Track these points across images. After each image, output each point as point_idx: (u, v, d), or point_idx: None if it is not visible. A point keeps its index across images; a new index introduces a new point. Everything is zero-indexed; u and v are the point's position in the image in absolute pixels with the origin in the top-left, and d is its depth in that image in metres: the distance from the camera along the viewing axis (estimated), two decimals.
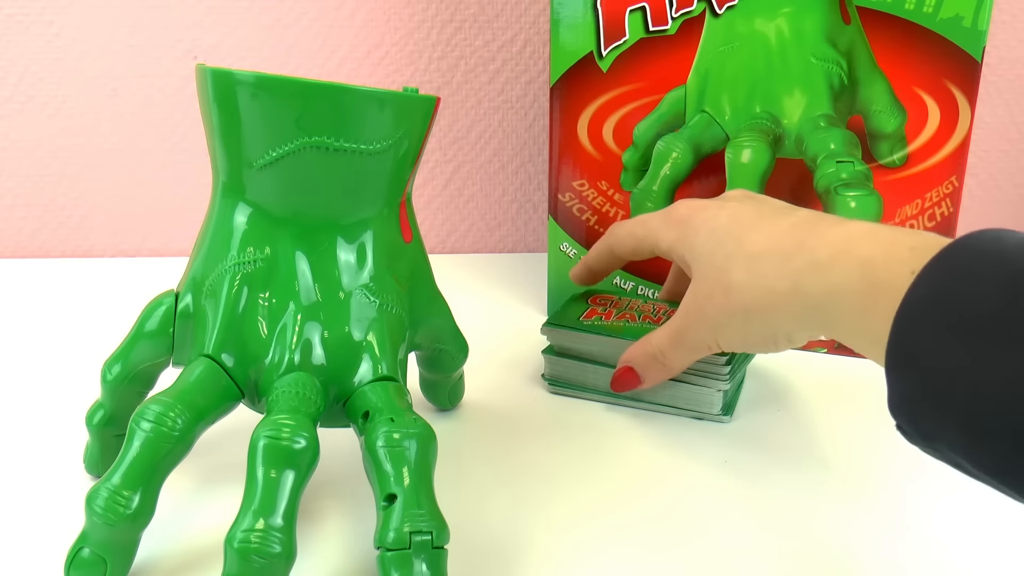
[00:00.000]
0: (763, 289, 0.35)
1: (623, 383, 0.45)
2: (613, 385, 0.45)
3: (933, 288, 0.27)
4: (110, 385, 0.37)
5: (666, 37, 0.52)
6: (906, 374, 0.27)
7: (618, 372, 0.45)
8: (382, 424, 0.32)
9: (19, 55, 0.69)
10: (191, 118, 0.72)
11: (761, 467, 0.41)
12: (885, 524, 0.37)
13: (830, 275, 0.32)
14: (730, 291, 0.37)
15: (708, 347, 0.40)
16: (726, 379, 0.44)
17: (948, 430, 0.26)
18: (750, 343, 0.38)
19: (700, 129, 0.53)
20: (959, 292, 0.26)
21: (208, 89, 0.34)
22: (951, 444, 0.26)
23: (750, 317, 0.36)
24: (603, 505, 0.38)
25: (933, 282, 0.27)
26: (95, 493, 0.30)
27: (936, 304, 0.26)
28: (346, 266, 0.36)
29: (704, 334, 0.39)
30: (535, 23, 0.72)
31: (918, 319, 0.27)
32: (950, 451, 0.26)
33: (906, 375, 0.27)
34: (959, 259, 0.27)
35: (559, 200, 0.57)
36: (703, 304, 0.38)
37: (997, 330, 0.25)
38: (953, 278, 0.26)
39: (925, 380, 0.26)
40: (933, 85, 0.49)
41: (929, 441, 0.27)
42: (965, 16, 0.48)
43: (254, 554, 0.28)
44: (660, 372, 0.44)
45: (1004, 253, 0.26)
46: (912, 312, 0.27)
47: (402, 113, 0.35)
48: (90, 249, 0.75)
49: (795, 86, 0.51)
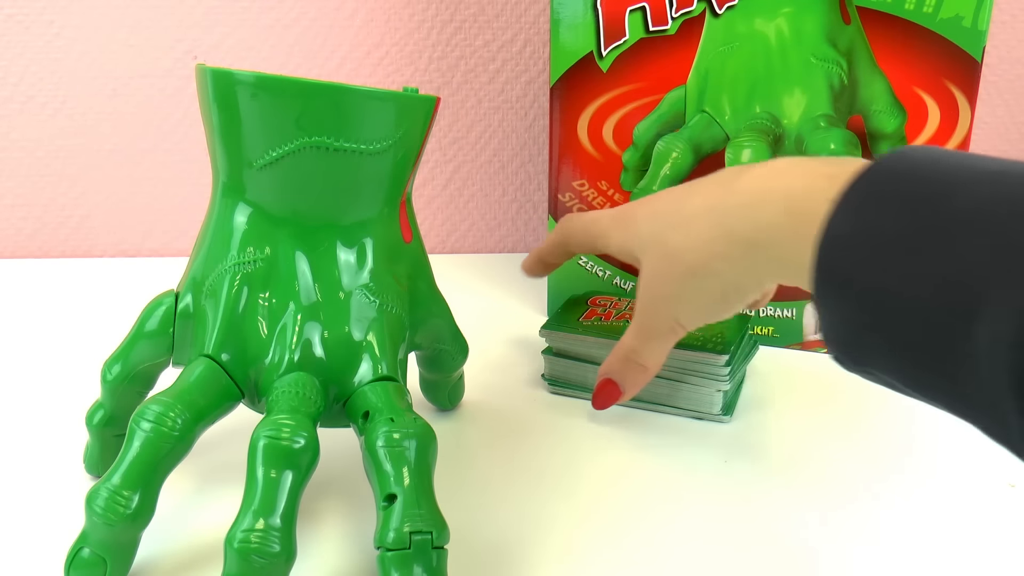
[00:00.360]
0: (701, 242, 0.35)
1: (603, 398, 0.43)
2: (594, 402, 0.43)
3: (849, 213, 0.27)
4: (110, 385, 0.37)
5: (666, 37, 0.52)
6: (831, 300, 0.28)
7: (597, 386, 0.43)
8: (382, 424, 0.32)
9: (19, 55, 0.69)
10: (191, 118, 0.72)
11: (761, 467, 0.41)
12: (884, 524, 0.37)
13: (756, 212, 0.32)
14: (673, 257, 0.37)
15: (672, 330, 0.39)
16: (726, 379, 0.44)
17: (876, 352, 0.27)
18: (707, 309, 0.37)
19: (700, 129, 0.53)
20: (874, 214, 0.26)
21: (208, 89, 0.34)
22: (882, 366, 0.27)
23: (697, 277, 0.36)
24: (603, 505, 0.38)
25: (849, 207, 0.27)
26: (95, 493, 0.30)
27: (854, 229, 0.27)
28: (346, 266, 0.36)
29: (664, 315, 0.39)
30: (535, 23, 0.72)
31: (838, 245, 0.27)
32: (882, 373, 0.27)
33: (832, 301, 0.28)
34: (872, 182, 0.27)
35: (559, 200, 0.57)
36: (653, 284, 0.38)
37: (912, 246, 0.25)
38: (867, 201, 0.27)
39: (851, 305, 0.27)
40: (933, 85, 0.49)
41: (862, 366, 0.28)
42: (965, 16, 0.48)
43: (254, 554, 0.28)
44: (638, 374, 0.42)
45: (914, 171, 0.26)
46: (832, 239, 0.27)
47: (402, 113, 0.35)
48: (90, 249, 0.75)
49: (795, 86, 0.51)
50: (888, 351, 0.26)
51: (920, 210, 0.25)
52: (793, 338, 0.55)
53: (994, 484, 0.40)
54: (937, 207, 0.25)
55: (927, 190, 0.26)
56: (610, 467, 0.41)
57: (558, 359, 0.48)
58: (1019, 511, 0.38)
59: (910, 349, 0.25)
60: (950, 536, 0.36)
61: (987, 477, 0.41)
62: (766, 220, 0.32)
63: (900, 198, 0.26)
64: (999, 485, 0.40)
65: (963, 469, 0.41)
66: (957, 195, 0.25)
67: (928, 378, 0.25)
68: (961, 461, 0.42)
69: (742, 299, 0.36)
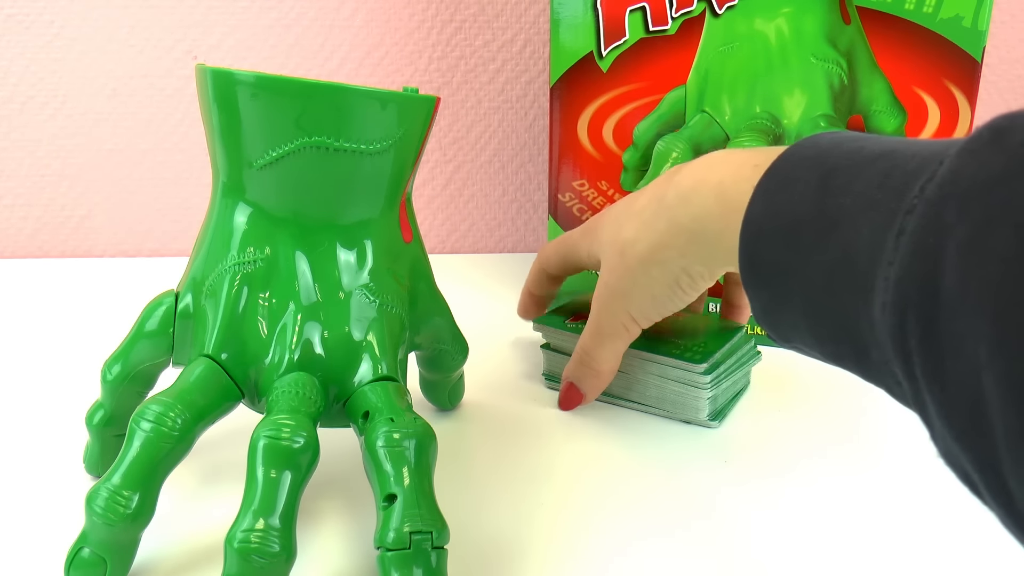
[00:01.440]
0: (649, 233, 0.37)
1: (567, 401, 0.46)
2: (560, 404, 0.46)
3: (765, 200, 0.29)
4: (110, 385, 0.37)
5: (666, 37, 0.52)
6: (756, 284, 0.29)
7: (562, 389, 0.46)
8: (382, 424, 0.32)
9: (19, 55, 0.69)
10: (191, 118, 0.72)
11: (751, 473, 0.41)
12: (883, 524, 0.37)
13: (694, 203, 0.34)
14: (625, 249, 0.38)
15: (625, 327, 0.41)
16: (708, 387, 0.44)
17: (796, 330, 0.28)
18: (659, 299, 0.39)
19: (700, 129, 0.53)
20: (784, 200, 0.28)
21: (208, 89, 0.34)
22: (803, 340, 0.29)
23: (647, 266, 0.37)
24: (602, 505, 0.38)
25: (764, 195, 0.29)
26: (95, 493, 0.30)
27: (768, 215, 0.29)
28: (346, 266, 0.36)
29: (616, 311, 0.40)
30: (535, 23, 0.72)
31: (756, 232, 0.29)
32: (804, 347, 0.29)
33: (758, 286, 0.29)
34: (784, 169, 0.29)
35: (559, 200, 0.57)
36: (609, 279, 0.40)
37: (812, 226, 0.27)
38: (779, 188, 0.29)
39: (769, 288, 0.29)
40: (933, 85, 0.49)
41: (788, 342, 0.30)
42: (965, 16, 0.48)
43: (254, 554, 0.28)
44: (592, 378, 0.44)
45: (819, 156, 0.28)
46: (752, 226, 0.29)
47: (402, 113, 0.35)
48: (90, 249, 0.75)
49: (795, 86, 0.51)
50: (804, 327, 0.28)
51: (817, 194, 0.27)
52: None
53: None
54: (829, 190, 0.27)
55: (823, 174, 0.27)
56: (609, 468, 0.41)
57: (554, 354, 0.48)
58: None
59: (821, 324, 0.27)
60: (949, 536, 0.36)
61: None
62: (702, 209, 0.33)
63: (802, 182, 0.28)
64: None
65: None
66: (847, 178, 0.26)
67: (841, 350, 0.27)
68: None
69: (694, 286, 0.37)
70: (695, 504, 0.38)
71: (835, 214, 0.26)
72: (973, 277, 0.20)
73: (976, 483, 0.22)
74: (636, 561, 0.34)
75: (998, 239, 0.20)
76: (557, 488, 0.39)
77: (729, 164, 0.33)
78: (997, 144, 0.21)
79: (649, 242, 0.37)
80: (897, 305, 0.23)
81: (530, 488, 0.39)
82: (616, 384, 0.47)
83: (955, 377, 0.21)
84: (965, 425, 0.21)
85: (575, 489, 0.39)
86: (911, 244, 0.22)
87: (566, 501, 0.38)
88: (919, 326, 0.22)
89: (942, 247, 0.21)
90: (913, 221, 0.23)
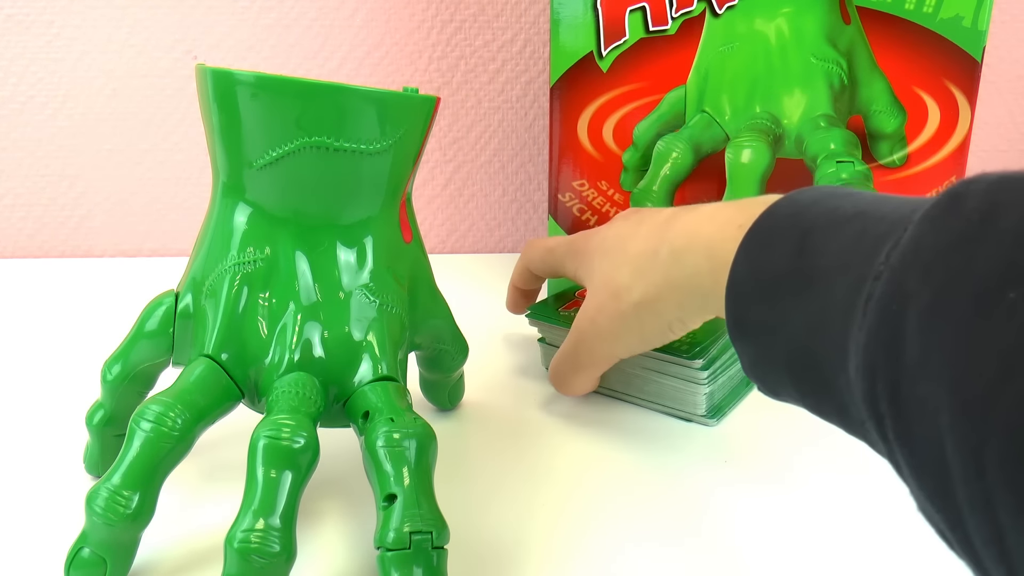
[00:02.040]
0: (646, 284, 0.38)
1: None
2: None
3: (748, 259, 0.30)
4: (110, 385, 0.37)
5: (666, 37, 0.52)
6: (743, 341, 0.30)
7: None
8: (382, 424, 0.32)
9: (19, 55, 0.69)
10: (191, 118, 0.72)
11: (751, 473, 0.41)
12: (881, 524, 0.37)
13: (686, 261, 0.35)
14: (619, 294, 0.39)
15: (606, 359, 0.42)
16: (704, 382, 0.44)
17: (782, 383, 0.29)
18: (648, 338, 0.40)
19: (700, 129, 0.53)
20: (763, 259, 0.29)
21: (208, 89, 0.34)
22: (788, 394, 0.29)
23: (641, 313, 0.38)
24: (603, 505, 0.38)
25: (747, 255, 0.30)
26: (95, 493, 0.30)
27: (750, 274, 0.30)
28: (346, 266, 0.36)
29: (600, 348, 0.42)
30: (535, 23, 0.72)
31: (740, 291, 0.30)
32: (791, 400, 0.29)
33: (743, 342, 0.30)
34: (765, 228, 0.30)
35: (559, 200, 0.58)
36: (595, 316, 0.41)
37: (790, 286, 0.28)
38: (760, 246, 0.29)
39: (755, 344, 0.30)
40: (933, 85, 0.49)
41: (775, 395, 0.31)
42: (965, 16, 0.48)
43: (254, 554, 0.28)
44: (569, 391, 0.46)
45: (798, 215, 0.29)
46: (735, 285, 0.30)
47: (402, 113, 0.35)
48: (90, 249, 0.75)
49: (795, 86, 0.51)
50: (788, 382, 0.29)
51: (795, 253, 0.28)
52: None
53: None
54: (806, 251, 0.27)
55: (800, 233, 0.28)
56: (610, 467, 0.41)
57: (551, 348, 0.49)
58: None
59: (803, 380, 0.28)
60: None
61: None
62: (694, 268, 0.34)
63: (780, 241, 0.29)
64: None
65: None
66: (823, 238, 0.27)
67: (822, 405, 0.28)
68: None
69: (684, 329, 0.39)
70: (695, 504, 0.38)
71: (812, 273, 0.27)
72: (932, 345, 0.21)
73: (949, 539, 0.22)
74: (636, 561, 0.34)
75: (954, 305, 0.20)
76: (557, 488, 0.39)
77: (716, 223, 0.34)
78: (954, 210, 0.22)
79: (644, 292, 0.38)
80: (868, 369, 0.23)
81: (530, 488, 0.39)
82: (614, 380, 0.47)
83: (922, 442, 0.21)
84: (934, 487, 0.21)
85: (574, 489, 0.39)
86: (877, 311, 0.23)
87: (566, 501, 0.38)
88: (887, 390, 0.22)
89: (903, 315, 0.22)
90: (880, 287, 0.23)
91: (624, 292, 0.39)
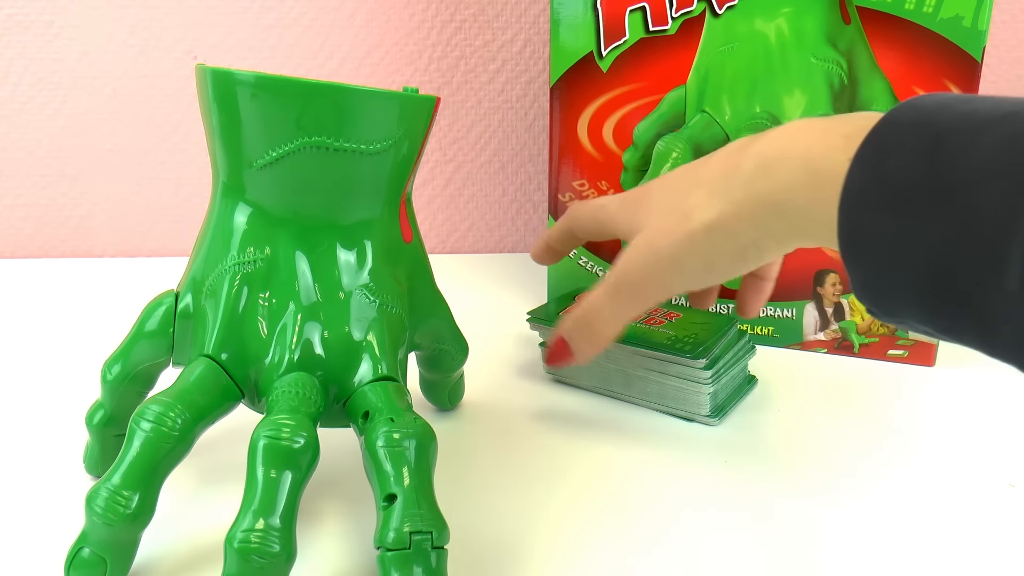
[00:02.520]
0: (723, 201, 0.34)
1: (555, 356, 0.41)
2: (548, 359, 0.42)
3: (866, 170, 0.28)
4: (110, 385, 0.37)
5: (666, 37, 0.52)
6: (859, 257, 0.28)
7: (553, 344, 0.41)
8: (382, 424, 0.32)
9: (19, 55, 0.69)
10: (191, 118, 0.72)
11: (753, 470, 0.41)
12: (882, 525, 0.37)
13: (777, 174, 0.32)
14: (690, 214, 0.35)
15: (653, 294, 0.37)
16: (708, 382, 0.44)
17: (905, 303, 0.27)
18: (716, 265, 0.35)
19: (700, 129, 0.53)
20: (888, 169, 0.27)
21: (208, 89, 0.34)
22: (912, 315, 0.27)
23: (714, 235, 0.35)
24: (603, 505, 0.38)
25: (865, 164, 0.28)
26: (95, 493, 0.30)
27: (871, 185, 0.27)
28: (346, 266, 0.36)
29: (652, 276, 0.37)
30: (535, 23, 0.72)
31: (858, 202, 0.28)
32: (912, 320, 0.28)
33: (860, 257, 0.28)
34: (885, 136, 0.28)
35: (559, 200, 0.57)
36: (656, 240, 0.36)
37: (924, 197, 0.26)
38: (882, 156, 0.27)
39: (876, 258, 0.27)
40: (933, 85, 0.49)
41: (894, 316, 0.28)
42: (965, 16, 0.48)
43: (254, 554, 0.28)
44: (588, 340, 0.40)
45: (923, 122, 0.27)
46: (852, 197, 0.28)
47: (402, 113, 0.35)
48: (90, 249, 0.75)
49: (795, 86, 0.51)
50: (915, 300, 0.26)
51: (928, 160, 0.26)
52: (793, 338, 0.55)
53: (994, 484, 0.40)
54: (942, 156, 0.25)
55: (932, 139, 0.26)
56: (609, 467, 0.41)
57: None
58: (1019, 511, 0.38)
59: (936, 296, 0.26)
60: (950, 537, 0.36)
61: (987, 477, 0.41)
62: (788, 181, 0.32)
63: (908, 149, 0.26)
64: (999, 485, 0.40)
65: (963, 469, 0.41)
66: (963, 143, 0.25)
67: (959, 324, 0.26)
68: (961, 461, 0.42)
69: (759, 259, 0.35)
70: (695, 504, 0.38)
71: (951, 181, 0.25)
72: None
73: None
74: (636, 560, 0.34)
75: None
76: (556, 488, 0.39)
77: (814, 132, 0.31)
78: None
79: (720, 211, 0.34)
80: None
81: (529, 488, 0.39)
82: (616, 381, 0.47)
83: None
84: None
85: (574, 488, 0.39)
86: None
87: (565, 500, 0.38)
88: None
89: None
90: None
91: (696, 211, 0.35)
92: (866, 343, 0.54)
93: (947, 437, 0.44)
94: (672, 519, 0.37)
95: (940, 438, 0.44)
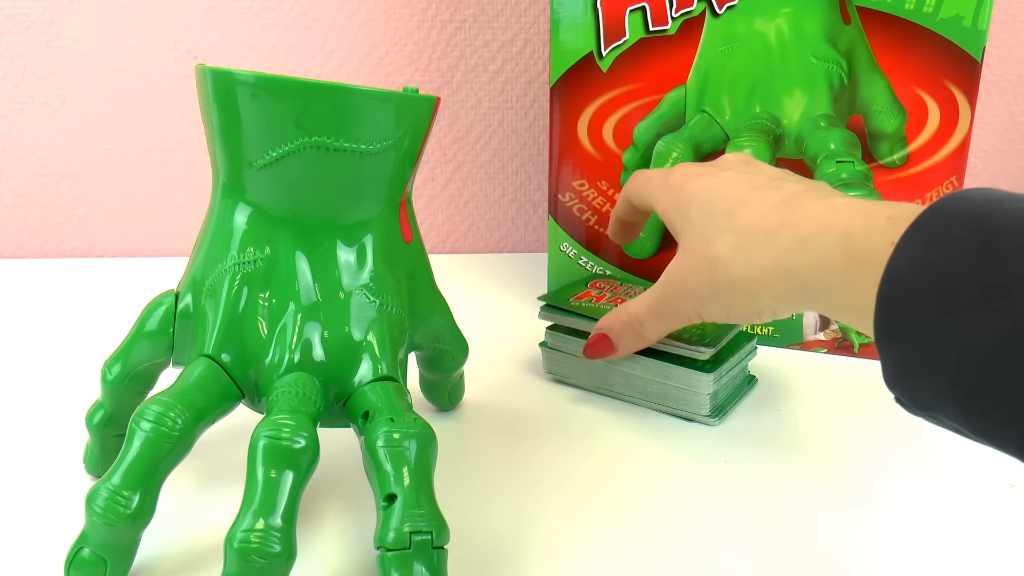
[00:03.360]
0: (748, 265, 0.35)
1: (597, 350, 0.45)
2: (586, 351, 0.46)
3: (912, 258, 0.27)
4: (110, 385, 0.37)
5: (666, 37, 0.52)
6: (896, 346, 0.27)
7: (593, 338, 0.45)
8: (382, 424, 0.32)
9: (19, 55, 0.69)
10: (191, 118, 0.72)
11: (753, 469, 0.41)
12: (882, 525, 0.37)
13: (813, 251, 0.32)
14: (716, 265, 0.36)
15: (688, 318, 0.40)
16: (710, 384, 0.44)
17: (941, 398, 0.26)
18: (733, 316, 0.38)
19: (700, 129, 0.53)
20: (936, 260, 0.26)
21: (208, 89, 0.34)
22: (945, 411, 0.26)
23: (735, 292, 0.36)
24: (603, 505, 0.38)
25: (911, 252, 0.27)
26: (95, 493, 0.30)
27: (916, 274, 0.26)
28: (346, 266, 0.36)
29: (685, 306, 0.40)
30: (535, 23, 0.72)
31: (901, 291, 0.27)
32: (946, 418, 0.27)
33: (896, 347, 0.27)
34: (934, 226, 0.27)
35: (559, 200, 0.58)
36: (686, 276, 0.39)
37: (973, 294, 0.25)
38: (929, 246, 0.27)
39: (913, 351, 0.26)
40: (933, 85, 0.49)
41: (925, 410, 0.27)
42: (965, 16, 0.48)
43: (254, 554, 0.28)
44: (635, 341, 0.44)
45: (975, 215, 0.26)
46: (894, 284, 0.27)
47: (402, 113, 0.35)
48: (90, 249, 0.75)
49: (795, 86, 0.51)
50: (950, 396, 0.26)
51: (979, 257, 0.25)
52: (793, 338, 0.55)
53: (994, 484, 0.40)
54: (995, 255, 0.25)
55: (985, 236, 0.25)
56: (610, 467, 0.41)
57: (553, 352, 0.49)
58: (1019, 511, 0.38)
59: (975, 397, 0.25)
60: (950, 537, 0.36)
61: (987, 477, 0.41)
62: (823, 259, 0.31)
63: (959, 243, 0.26)
64: (999, 485, 0.40)
65: (963, 469, 0.41)
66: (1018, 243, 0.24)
67: (998, 429, 0.25)
68: (961, 461, 0.42)
69: (772, 318, 0.37)
70: (696, 504, 0.38)
71: (1005, 281, 0.24)
72: None
73: None
74: (637, 560, 0.34)
75: None
76: (557, 488, 0.39)
77: (856, 213, 0.31)
78: None
79: (744, 272, 0.35)
80: None
81: (530, 488, 0.39)
82: (616, 382, 0.47)
83: None
84: None
85: (575, 488, 0.39)
86: None
87: (566, 501, 0.38)
88: None
89: None
90: None
91: (721, 264, 0.36)
92: (866, 343, 0.54)
93: (947, 437, 0.44)
94: (672, 519, 0.37)
95: (940, 438, 0.44)
